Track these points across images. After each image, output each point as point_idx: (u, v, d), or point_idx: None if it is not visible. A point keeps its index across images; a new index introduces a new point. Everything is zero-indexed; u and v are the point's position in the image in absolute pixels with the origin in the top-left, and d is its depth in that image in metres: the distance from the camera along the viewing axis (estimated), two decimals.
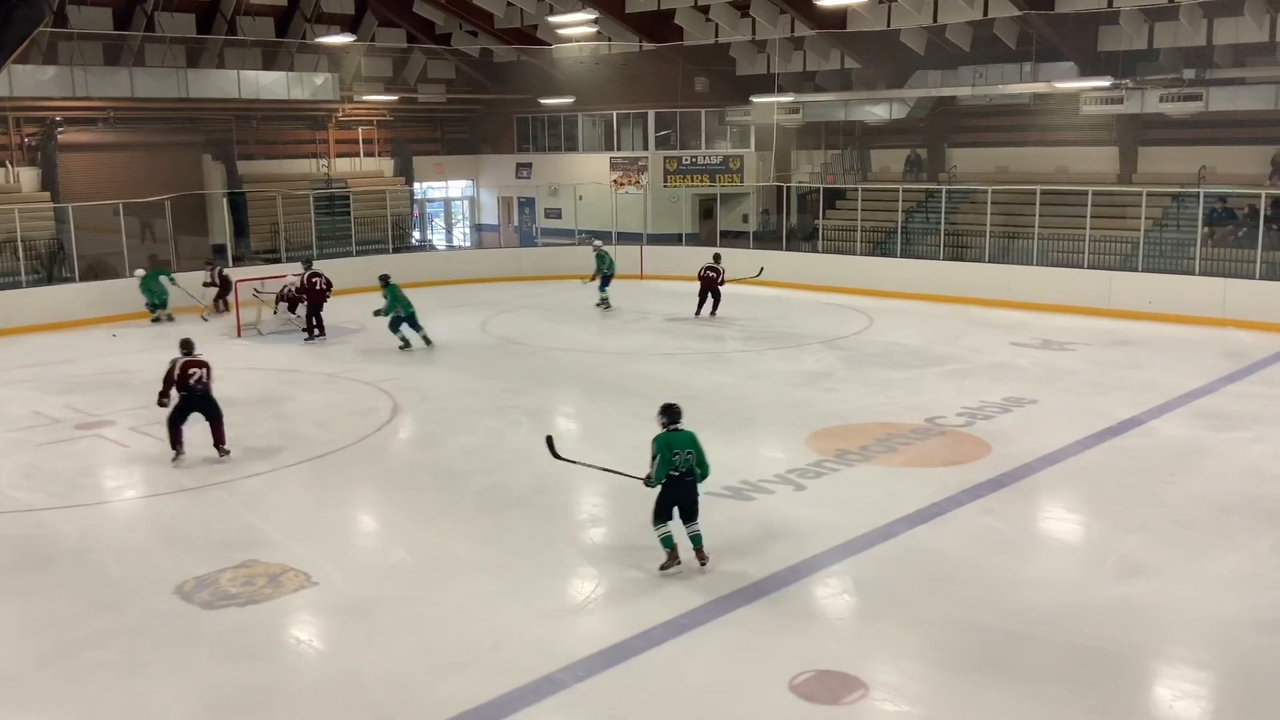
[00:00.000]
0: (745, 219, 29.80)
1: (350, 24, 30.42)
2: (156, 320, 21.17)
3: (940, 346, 18.05)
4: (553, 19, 27.22)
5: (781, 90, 28.12)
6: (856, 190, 27.20)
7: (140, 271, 21.44)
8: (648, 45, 29.15)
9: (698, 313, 20.95)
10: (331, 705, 6.88)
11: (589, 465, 9.84)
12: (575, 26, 27.21)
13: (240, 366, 17.18)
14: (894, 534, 9.58)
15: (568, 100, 30.98)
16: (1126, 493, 10.72)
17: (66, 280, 22.19)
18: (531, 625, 7.95)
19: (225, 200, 27.04)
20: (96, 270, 23.10)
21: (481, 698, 6.86)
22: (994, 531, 9.72)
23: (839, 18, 25.60)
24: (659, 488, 8.70)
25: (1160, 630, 7.81)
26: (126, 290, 21.39)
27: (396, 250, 28.09)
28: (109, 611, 8.32)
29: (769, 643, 7.62)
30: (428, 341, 18.35)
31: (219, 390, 12.28)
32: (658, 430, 8.84)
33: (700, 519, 8.84)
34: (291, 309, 20.50)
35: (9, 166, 25.21)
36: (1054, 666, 7.25)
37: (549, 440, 9.43)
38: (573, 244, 29.93)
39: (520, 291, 25.29)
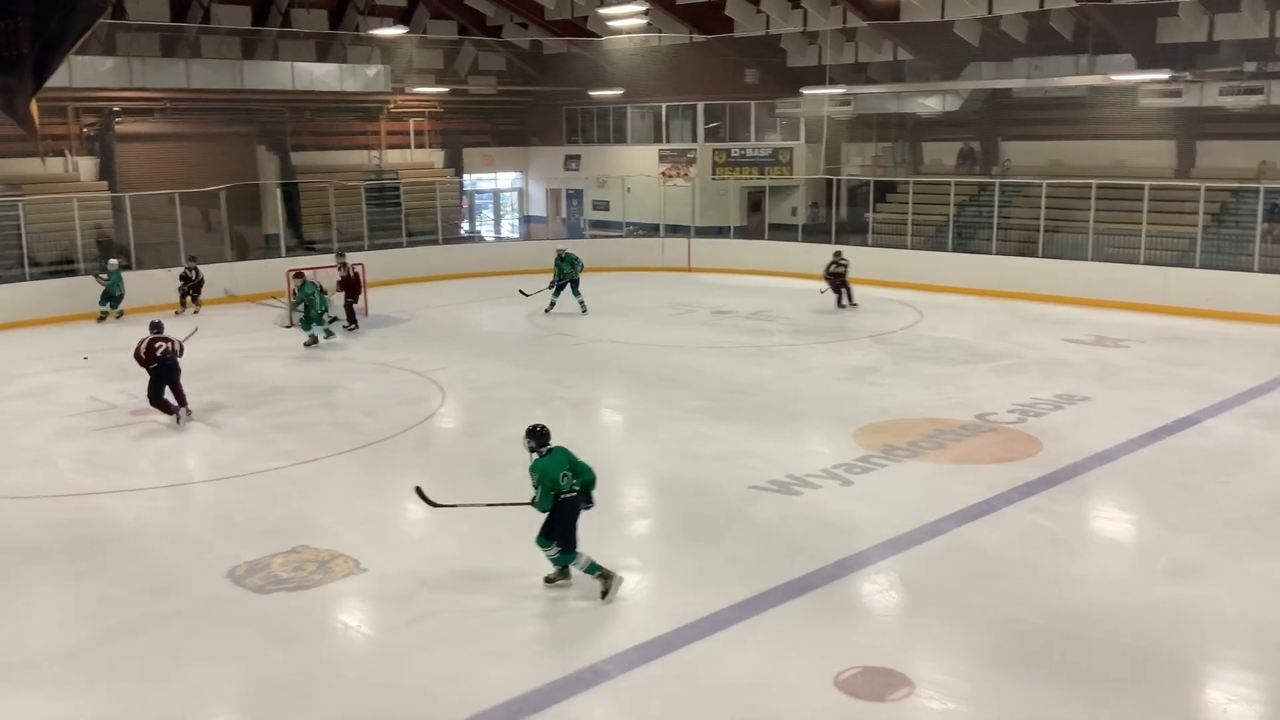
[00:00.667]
0: (794, 212, 29.62)
1: (403, 16, 30.63)
2: (104, 319, 20.58)
3: (991, 342, 17.85)
4: (603, 11, 27.22)
5: (833, 82, 27.94)
6: (908, 183, 26.93)
7: (115, 263, 20.96)
8: (698, 37, 29.07)
9: (839, 304, 21.33)
10: (377, 690, 6.95)
11: (469, 505, 9.20)
12: (625, 18, 27.20)
13: (292, 356, 17.40)
14: (942, 531, 9.48)
15: (617, 92, 31.00)
16: (1179, 492, 10.54)
17: (123, 268, 22.53)
18: (576, 616, 7.98)
19: (279, 191, 27.37)
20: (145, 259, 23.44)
21: (525, 687, 6.89)
22: (1044, 530, 9.60)
23: (892, 9, 25.36)
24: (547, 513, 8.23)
25: (1212, 632, 7.67)
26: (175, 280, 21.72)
27: (446, 241, 28.28)
28: (162, 595, 8.46)
29: (814, 638, 7.59)
30: (328, 334, 18.14)
31: (275, 377, 12.48)
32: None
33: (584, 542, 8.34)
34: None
35: (68, 156, 25.69)
36: (1103, 667, 7.15)
37: (418, 490, 8.82)
38: (620, 236, 29.98)
39: None
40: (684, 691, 6.90)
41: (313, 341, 17.76)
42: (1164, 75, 22.47)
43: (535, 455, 8.23)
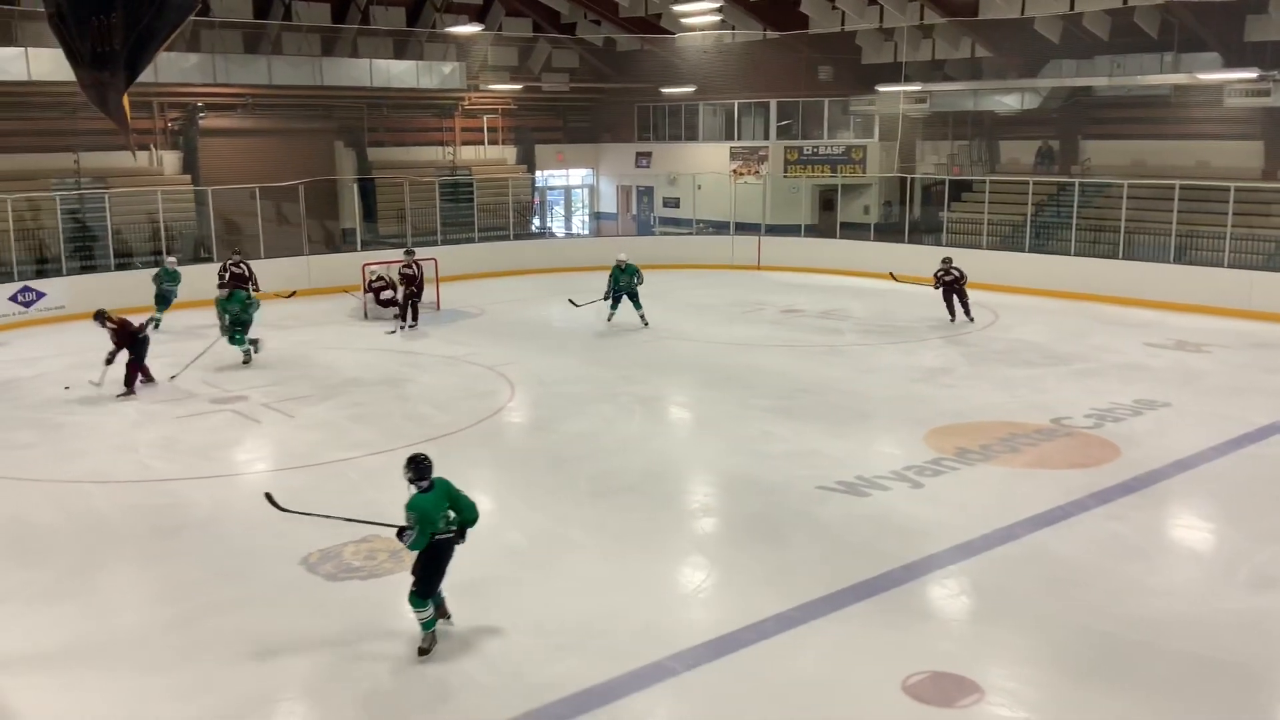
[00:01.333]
0: (866, 210, 29.32)
1: (478, 14, 30.91)
2: (156, 324, 18.11)
3: (1068, 345, 17.50)
4: (677, 7, 27.15)
5: (908, 79, 27.59)
6: (984, 182, 26.53)
7: (172, 260, 19.65)
8: (771, 34, 28.93)
9: (952, 318, 19.25)
10: (444, 680, 7.03)
11: (320, 515, 8.51)
12: (699, 15, 27.14)
13: (365, 348, 17.67)
14: (1015, 536, 9.32)
15: (689, 89, 30.96)
16: (1262, 501, 10.23)
17: (204, 260, 23.07)
18: (641, 611, 7.99)
19: (355, 186, 27.81)
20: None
21: (590, 680, 6.92)
22: (1120, 537, 9.39)
23: (970, 5, 25.01)
24: (418, 554, 7.42)
25: None
26: (261, 269, 22.08)
27: (517, 237, 28.50)
28: (236, 580, 8.66)
29: (882, 641, 7.51)
30: (255, 350, 16.48)
31: (349, 369, 12.69)
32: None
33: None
34: (382, 304, 20.08)
35: (153, 150, 26.35)
36: (1179, 678, 6.98)
37: (268, 496, 8.20)
38: (690, 233, 29.92)
39: None
40: (748, 691, 6.87)
41: (247, 359, 16.31)
42: (1252, 74, 21.83)
43: (414, 489, 7.37)
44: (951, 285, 19.24)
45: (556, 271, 26.38)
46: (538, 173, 33.70)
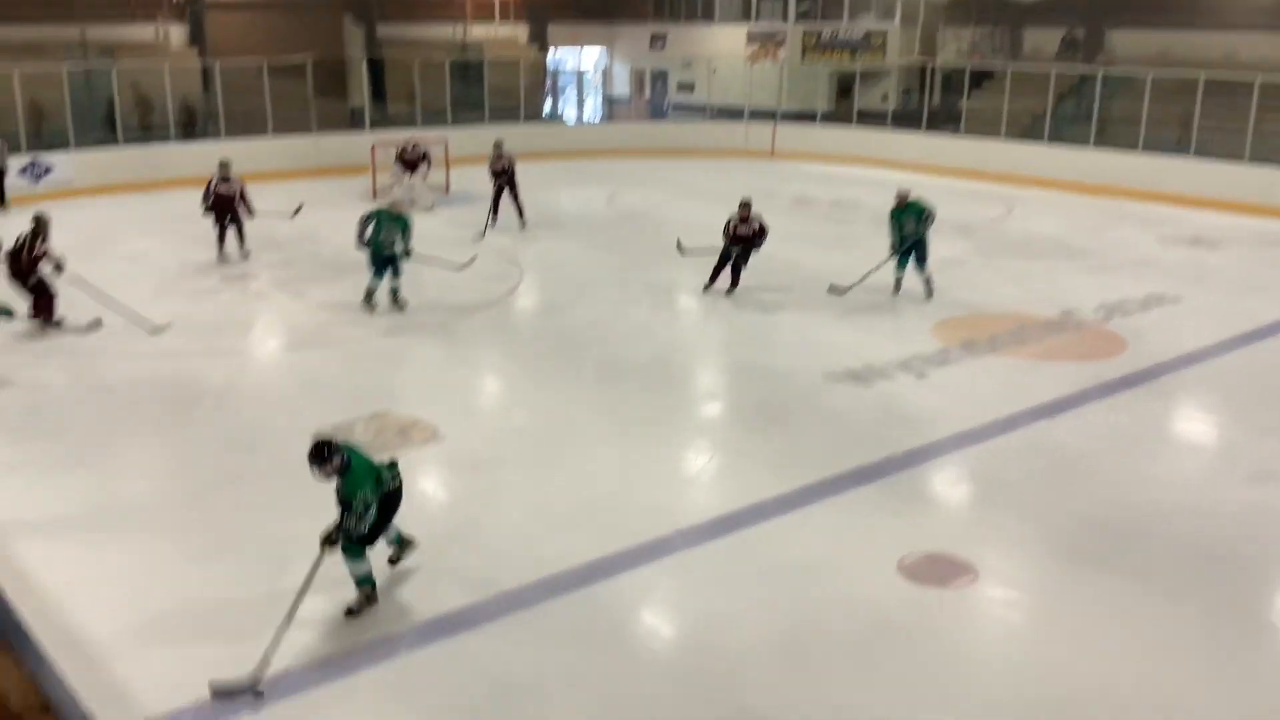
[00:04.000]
0: (885, 98, 28.78)
1: None
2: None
3: (1083, 238, 17.36)
4: None
5: None
6: (1005, 71, 25.98)
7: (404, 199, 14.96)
8: None
9: (711, 283, 13.84)
10: (451, 551, 7.18)
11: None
12: None
13: None
14: (1016, 426, 9.40)
15: None
16: (1266, 397, 10.28)
17: (211, 136, 22.83)
18: (645, 491, 8.13)
19: (365, 65, 27.31)
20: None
21: (594, 554, 7.08)
22: (1122, 429, 9.46)
23: None
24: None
25: None
26: (268, 147, 21.93)
27: (527, 119, 28.08)
28: (249, 452, 8.80)
29: (879, 524, 7.65)
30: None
31: (357, 252, 12.70)
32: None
33: None
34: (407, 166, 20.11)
35: (159, 22, 25.85)
36: (1171, 565, 7.11)
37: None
38: (704, 119, 29.46)
39: (649, 166, 25.11)
40: (747, 567, 7.03)
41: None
42: None
43: (340, 474, 6.34)
44: (741, 242, 13.62)
45: (568, 157, 26.10)
46: (550, 52, 33.00)
